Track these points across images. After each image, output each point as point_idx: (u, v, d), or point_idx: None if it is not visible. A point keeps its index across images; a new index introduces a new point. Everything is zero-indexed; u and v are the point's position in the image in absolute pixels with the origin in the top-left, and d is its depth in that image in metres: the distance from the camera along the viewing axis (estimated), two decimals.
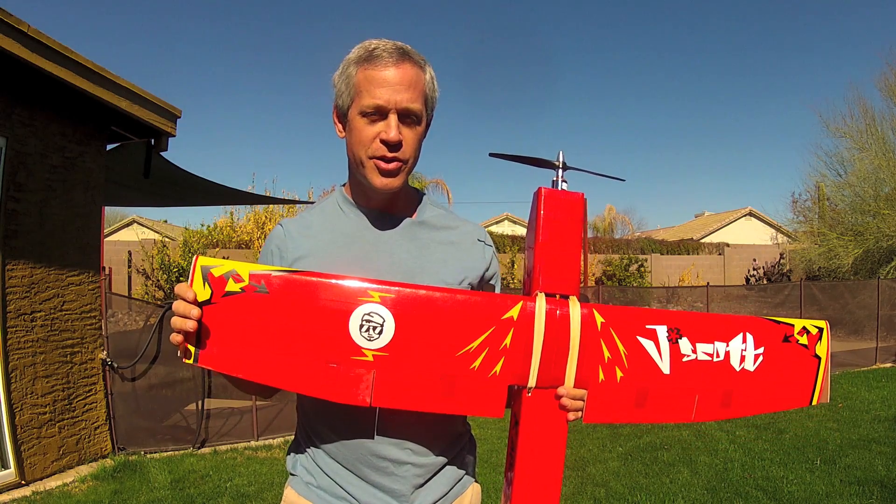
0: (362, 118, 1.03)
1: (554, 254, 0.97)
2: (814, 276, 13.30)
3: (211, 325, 0.88)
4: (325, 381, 0.90)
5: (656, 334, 0.98)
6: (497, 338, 0.93)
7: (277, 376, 0.90)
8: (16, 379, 3.74)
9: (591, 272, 14.79)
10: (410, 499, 1.05)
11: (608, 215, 26.18)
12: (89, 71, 3.89)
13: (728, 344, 1.02)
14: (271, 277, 0.90)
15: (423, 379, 0.92)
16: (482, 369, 0.93)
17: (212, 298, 0.88)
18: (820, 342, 1.08)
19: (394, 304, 0.91)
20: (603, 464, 4.18)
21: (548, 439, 0.97)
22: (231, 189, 6.52)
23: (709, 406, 1.01)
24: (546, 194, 0.98)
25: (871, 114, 12.69)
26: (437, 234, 1.14)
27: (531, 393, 0.96)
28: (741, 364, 1.02)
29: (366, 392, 0.90)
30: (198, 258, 0.89)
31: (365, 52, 1.03)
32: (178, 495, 3.65)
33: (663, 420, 1.01)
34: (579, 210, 0.98)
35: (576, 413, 0.97)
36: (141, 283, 10.93)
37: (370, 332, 0.90)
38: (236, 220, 13.39)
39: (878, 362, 8.34)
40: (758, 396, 1.04)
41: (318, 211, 1.16)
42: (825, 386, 1.08)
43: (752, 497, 3.51)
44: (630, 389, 0.98)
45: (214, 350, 0.89)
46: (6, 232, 3.72)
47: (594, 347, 0.96)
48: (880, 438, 4.60)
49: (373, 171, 1.05)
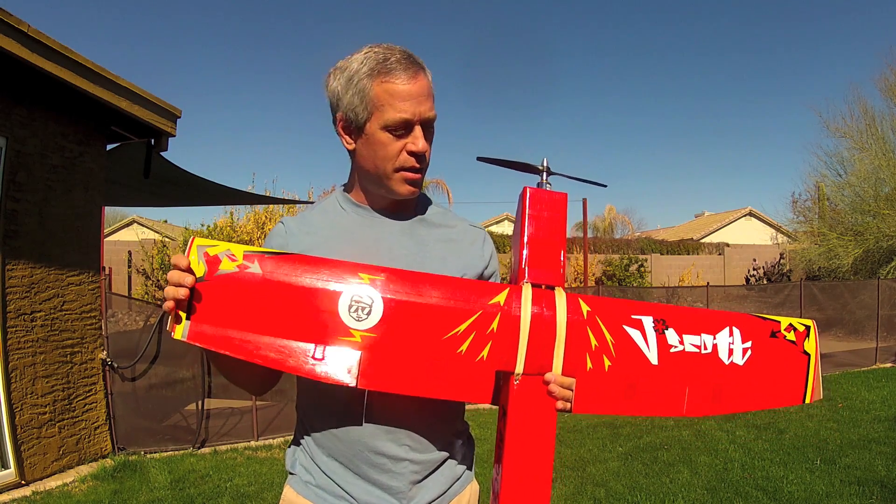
0: (386, 132, 1.03)
1: (539, 248, 1.00)
2: (814, 276, 13.30)
3: (204, 301, 0.89)
4: (311, 361, 0.91)
5: (642, 324, 0.99)
6: (484, 322, 0.94)
7: (265, 355, 0.90)
8: (16, 379, 3.74)
9: (591, 272, 14.79)
10: (408, 496, 1.05)
11: (608, 215, 26.19)
12: (89, 71, 3.89)
13: (715, 337, 1.02)
14: (265, 258, 0.91)
15: (410, 361, 0.93)
16: (469, 353, 0.94)
17: (206, 276, 0.89)
18: (808, 339, 1.08)
19: (382, 285, 0.93)
20: (603, 464, 4.18)
21: (537, 428, 0.97)
22: (231, 189, 6.52)
23: (700, 400, 1.01)
24: (531, 193, 1.02)
25: (871, 114, 12.71)
26: (436, 231, 1.15)
27: (519, 380, 0.96)
28: (730, 357, 1.03)
29: (351, 373, 0.91)
30: (194, 238, 0.92)
31: (378, 64, 1.02)
32: (178, 495, 3.65)
33: (654, 413, 1.01)
34: (563, 208, 1.03)
35: (564, 402, 0.97)
36: (141, 283, 10.95)
37: (359, 313, 0.92)
38: (236, 220, 13.37)
39: (878, 362, 8.34)
40: (749, 392, 1.04)
41: (320, 210, 1.17)
42: (817, 383, 1.08)
43: (752, 497, 3.51)
44: (619, 379, 0.98)
45: (205, 326, 0.89)
46: (6, 232, 3.72)
47: (581, 334, 0.96)
48: (880, 438, 4.60)
49: (400, 182, 1.06)
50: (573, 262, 15.56)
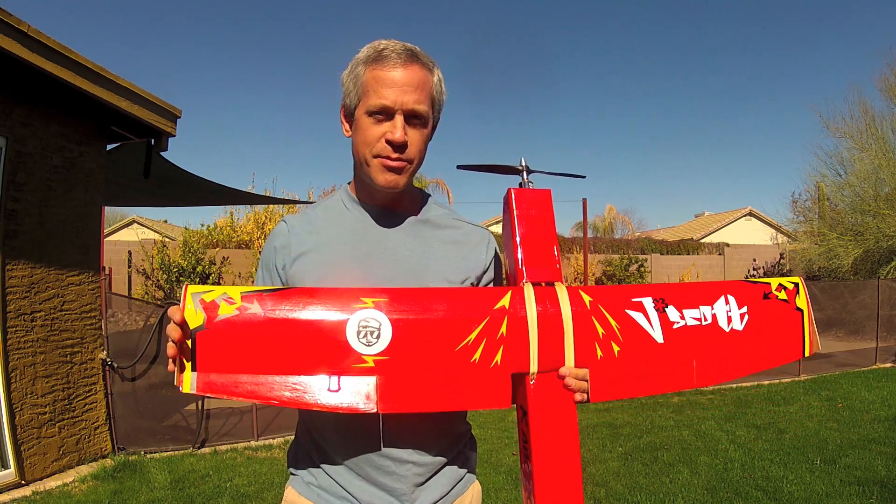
0: (368, 118, 1.03)
1: (533, 246, 1.01)
2: (814, 276, 13.30)
3: (208, 350, 0.87)
4: (329, 394, 0.90)
5: (643, 306, 1.02)
6: (493, 327, 0.94)
7: (280, 395, 0.89)
8: (16, 379, 3.74)
9: (591, 272, 14.79)
10: (411, 498, 1.05)
11: (608, 215, 26.22)
12: (89, 71, 3.89)
13: (713, 307, 1.05)
14: (263, 296, 0.90)
15: (427, 378, 0.92)
16: (483, 360, 0.94)
17: (205, 323, 0.87)
18: (798, 296, 1.11)
19: (387, 307, 0.92)
20: (603, 464, 4.18)
21: (559, 423, 0.98)
22: (231, 189, 6.52)
23: (707, 369, 1.04)
24: (517, 193, 1.04)
25: (871, 114, 12.68)
26: (441, 232, 1.15)
27: (535, 379, 0.97)
28: (729, 325, 1.06)
29: (370, 399, 0.90)
30: (187, 287, 0.88)
31: (374, 51, 1.04)
32: (178, 495, 3.65)
33: (668, 389, 1.03)
34: (548, 204, 1.04)
35: (581, 394, 0.98)
36: (141, 283, 10.94)
37: (368, 338, 0.91)
38: (236, 220, 13.40)
39: (878, 362, 8.34)
40: (752, 354, 1.07)
41: (323, 208, 1.16)
42: (814, 336, 1.11)
43: (752, 497, 3.51)
44: (629, 362, 1.00)
45: (213, 375, 0.87)
46: (6, 232, 3.72)
47: (587, 325, 0.98)
48: (880, 438, 4.60)
49: (377, 169, 1.05)
50: (573, 262, 15.56)
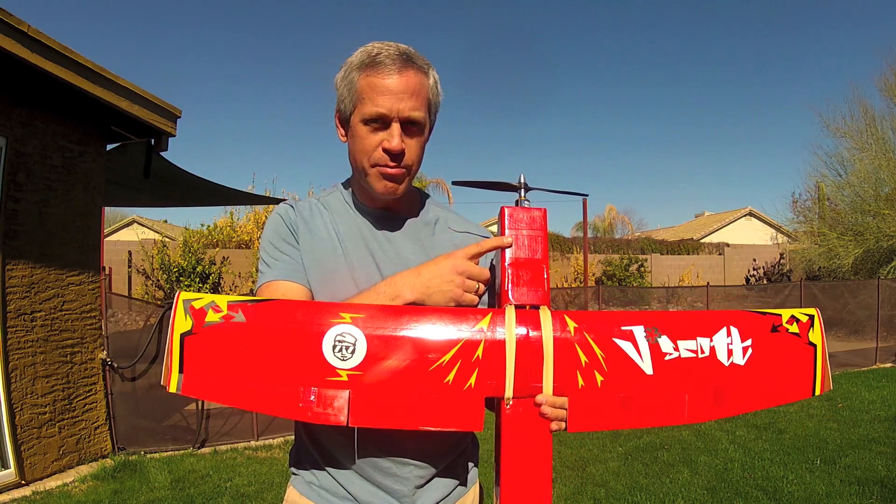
0: (364, 126, 1.02)
1: (521, 268, 0.99)
2: (814, 276, 13.31)
3: (194, 354, 0.91)
4: (301, 404, 0.92)
5: (633, 335, 0.97)
6: (468, 350, 0.93)
7: (256, 401, 0.92)
8: (16, 379, 3.74)
9: (592, 272, 14.80)
10: (412, 499, 1.05)
11: (608, 215, 26.22)
12: (89, 71, 3.89)
13: (712, 339, 0.99)
14: (247, 306, 0.93)
15: (398, 395, 0.92)
16: (456, 383, 0.93)
17: (193, 329, 0.91)
18: (812, 329, 1.04)
19: (364, 323, 0.93)
20: (603, 464, 4.18)
21: (532, 451, 0.96)
22: (231, 189, 6.51)
23: (701, 405, 0.99)
24: (510, 212, 1.01)
25: (871, 114, 12.70)
26: (441, 234, 1.15)
27: (510, 404, 0.95)
28: (730, 358, 1.00)
29: (341, 412, 0.91)
30: (180, 294, 0.93)
31: (368, 57, 1.01)
32: (178, 495, 3.65)
33: (655, 423, 0.98)
34: (543, 225, 1.01)
35: (559, 422, 0.95)
36: (141, 283, 10.95)
37: (343, 352, 0.92)
38: (236, 220, 13.41)
39: (878, 362, 8.34)
40: (754, 391, 1.01)
41: (324, 206, 1.15)
42: (826, 373, 1.05)
43: (752, 497, 3.51)
44: (613, 393, 0.96)
45: (197, 379, 0.92)
46: (6, 232, 3.72)
47: (569, 352, 0.94)
48: (880, 438, 4.61)
49: (376, 177, 1.04)
50: (573, 262, 15.57)
